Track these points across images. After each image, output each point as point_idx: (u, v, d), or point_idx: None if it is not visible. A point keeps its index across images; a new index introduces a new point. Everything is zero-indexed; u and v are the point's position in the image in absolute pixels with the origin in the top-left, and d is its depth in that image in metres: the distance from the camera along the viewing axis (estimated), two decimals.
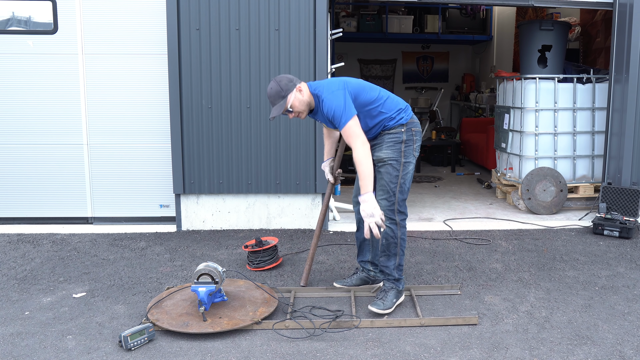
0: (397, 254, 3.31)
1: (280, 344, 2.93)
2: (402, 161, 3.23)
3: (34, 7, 4.99)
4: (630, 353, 2.84)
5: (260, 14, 4.84)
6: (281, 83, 3.10)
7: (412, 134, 3.27)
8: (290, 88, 3.10)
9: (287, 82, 3.10)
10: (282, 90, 3.08)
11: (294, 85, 3.12)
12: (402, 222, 3.29)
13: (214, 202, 5.10)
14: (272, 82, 3.14)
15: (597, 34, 7.01)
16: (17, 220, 5.25)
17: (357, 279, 3.66)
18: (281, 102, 3.09)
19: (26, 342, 2.95)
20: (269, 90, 3.12)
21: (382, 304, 3.26)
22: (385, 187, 3.23)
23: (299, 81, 3.17)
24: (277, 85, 3.10)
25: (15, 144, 5.14)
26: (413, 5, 10.39)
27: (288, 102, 3.09)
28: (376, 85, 3.33)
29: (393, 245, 3.29)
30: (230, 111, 4.94)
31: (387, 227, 3.25)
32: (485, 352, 2.86)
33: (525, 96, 5.90)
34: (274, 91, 3.09)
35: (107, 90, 5.08)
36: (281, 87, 3.08)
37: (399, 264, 3.33)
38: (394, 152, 3.23)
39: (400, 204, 3.25)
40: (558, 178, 5.71)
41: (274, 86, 3.10)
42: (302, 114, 3.18)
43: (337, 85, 3.15)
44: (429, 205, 6.16)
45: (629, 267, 4.12)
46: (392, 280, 3.34)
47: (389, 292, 3.32)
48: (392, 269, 3.32)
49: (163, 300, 3.34)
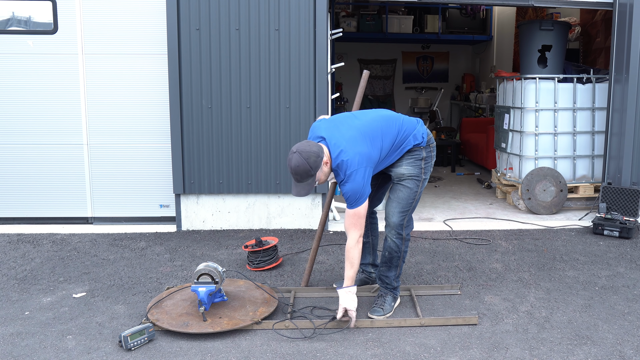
0: (399, 265, 3.31)
1: (280, 344, 2.93)
2: (422, 177, 3.22)
3: (34, 7, 4.99)
4: (630, 353, 2.84)
5: (260, 14, 4.84)
6: (309, 161, 2.84)
7: (430, 149, 3.26)
8: (319, 164, 2.88)
9: (315, 158, 2.85)
10: (311, 169, 2.85)
11: (321, 160, 2.89)
12: (407, 236, 3.28)
13: (214, 202, 5.10)
14: (297, 157, 2.84)
15: (597, 34, 7.01)
16: (17, 220, 5.25)
17: (357, 280, 3.63)
18: (309, 181, 2.90)
19: (26, 342, 2.95)
20: (294, 166, 2.85)
21: (382, 310, 3.26)
22: (402, 201, 3.20)
23: (323, 151, 2.91)
24: (305, 163, 2.84)
25: (15, 144, 5.14)
26: (413, 5, 10.39)
27: (317, 178, 2.93)
28: (390, 113, 3.21)
29: (396, 259, 3.29)
30: (230, 111, 4.94)
31: (393, 241, 3.24)
32: (485, 352, 2.86)
33: (525, 96, 5.90)
34: (301, 170, 2.85)
35: (107, 90, 5.07)
36: (310, 166, 2.84)
37: (399, 274, 3.35)
38: (415, 169, 3.20)
39: (408, 219, 3.25)
40: (558, 178, 5.71)
41: (302, 164, 2.84)
42: (321, 181, 3.01)
43: (362, 157, 2.93)
44: (429, 205, 6.16)
45: (629, 267, 4.12)
46: (392, 288, 3.35)
47: (386, 297, 3.33)
48: (392, 279, 3.33)
49: (163, 300, 3.34)
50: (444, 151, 8.91)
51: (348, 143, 2.96)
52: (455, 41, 11.03)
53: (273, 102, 4.93)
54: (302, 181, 2.89)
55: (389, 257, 3.28)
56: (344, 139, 2.97)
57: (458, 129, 9.94)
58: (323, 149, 2.93)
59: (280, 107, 4.94)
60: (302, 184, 2.91)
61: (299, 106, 4.94)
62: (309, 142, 2.93)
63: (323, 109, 4.92)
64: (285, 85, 4.91)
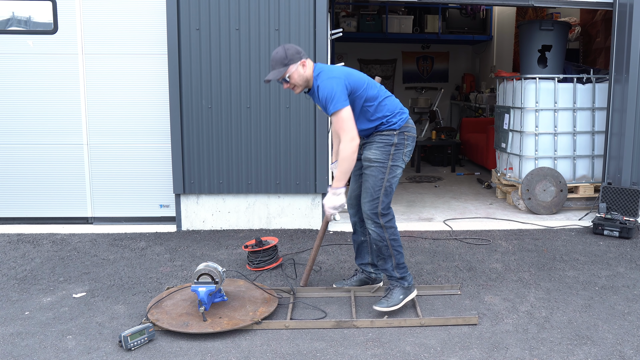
0: (392, 255, 3.24)
1: (280, 344, 2.93)
2: (389, 164, 3.17)
3: (34, 7, 4.99)
4: (630, 353, 2.84)
5: (260, 14, 4.84)
6: (288, 51, 3.06)
7: (404, 138, 3.21)
8: (295, 59, 3.06)
9: (295, 52, 3.07)
10: (286, 58, 3.05)
11: (300, 58, 3.08)
12: (387, 224, 3.21)
13: (214, 202, 5.10)
14: (279, 47, 3.10)
15: (597, 34, 7.01)
16: (17, 220, 5.25)
17: (356, 280, 3.64)
18: (281, 69, 3.06)
19: (26, 342, 2.95)
20: (274, 53, 3.08)
21: (387, 301, 3.22)
22: (369, 190, 3.18)
23: (307, 56, 3.13)
24: (283, 51, 3.06)
25: (15, 144, 5.14)
26: (413, 5, 10.38)
27: (288, 71, 3.06)
28: (379, 84, 3.30)
29: (384, 248, 3.24)
30: (230, 111, 4.94)
31: (373, 231, 3.22)
32: (485, 352, 2.86)
33: (525, 96, 5.90)
34: (278, 56, 3.06)
35: (107, 90, 5.07)
36: (286, 55, 3.05)
37: (397, 263, 3.26)
38: (383, 154, 3.17)
39: (384, 207, 3.18)
40: (558, 178, 5.71)
41: (280, 52, 3.06)
42: (297, 87, 3.15)
43: (338, 73, 3.11)
44: (429, 205, 6.16)
45: (629, 267, 4.12)
46: (396, 279, 3.29)
47: (394, 290, 3.27)
48: (391, 270, 3.28)
49: (163, 300, 3.34)
50: (444, 151, 8.91)
51: (329, 66, 3.22)
52: (455, 41, 11.02)
53: (273, 102, 4.93)
54: (275, 68, 3.07)
55: (377, 250, 3.29)
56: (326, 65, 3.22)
57: (458, 129, 9.94)
58: (310, 61, 3.14)
59: (280, 107, 4.94)
60: (275, 70, 3.07)
61: (299, 106, 4.94)
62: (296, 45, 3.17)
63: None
64: None
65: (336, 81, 3.04)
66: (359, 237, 3.57)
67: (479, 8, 10.53)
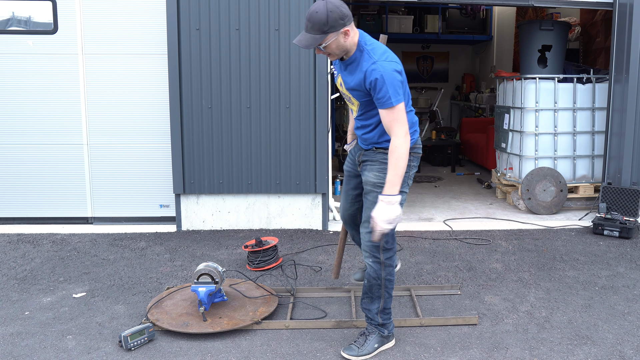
0: (382, 296, 2.81)
1: (280, 344, 2.93)
2: None
3: (34, 7, 4.99)
4: (630, 353, 2.84)
5: (260, 14, 4.84)
6: (330, 15, 2.48)
7: (411, 159, 2.76)
8: (337, 27, 2.50)
9: (338, 18, 2.49)
10: (326, 23, 2.48)
11: (343, 25, 2.51)
12: (387, 261, 2.77)
13: (214, 202, 5.10)
14: (321, 4, 2.50)
15: (597, 34, 7.01)
16: (17, 220, 5.25)
17: (360, 274, 3.49)
18: (316, 36, 2.51)
19: (26, 342, 2.95)
20: (312, 12, 2.50)
21: (358, 348, 2.79)
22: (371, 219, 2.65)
23: (351, 21, 2.56)
24: (325, 14, 2.48)
25: (15, 144, 5.14)
26: (413, 5, 10.38)
27: (325, 41, 2.53)
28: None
29: (376, 288, 2.79)
30: (230, 111, 4.94)
31: (370, 266, 2.78)
32: (485, 352, 2.86)
33: (525, 96, 5.90)
34: (317, 18, 2.48)
35: (107, 90, 5.07)
36: (327, 20, 2.48)
37: (383, 307, 2.83)
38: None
39: (387, 240, 2.73)
40: (558, 178, 5.71)
41: (321, 13, 2.48)
42: (332, 56, 2.64)
43: (396, 59, 2.63)
44: (429, 205, 6.16)
45: (629, 267, 4.12)
46: (375, 325, 2.86)
47: (369, 336, 2.85)
48: (374, 313, 2.84)
49: (163, 300, 3.34)
50: (444, 151, 8.91)
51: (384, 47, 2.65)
52: (455, 41, 11.02)
53: (273, 102, 4.93)
54: (310, 32, 2.52)
55: (368, 286, 2.81)
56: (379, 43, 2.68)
57: (458, 129, 9.94)
58: (352, 23, 2.58)
59: (280, 107, 4.94)
60: (308, 34, 2.53)
61: (299, 106, 4.94)
62: (344, 4, 2.56)
63: (323, 109, 4.92)
64: (285, 85, 4.91)
65: (398, 69, 2.57)
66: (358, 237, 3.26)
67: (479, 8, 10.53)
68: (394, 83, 2.51)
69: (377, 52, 2.58)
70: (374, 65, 2.53)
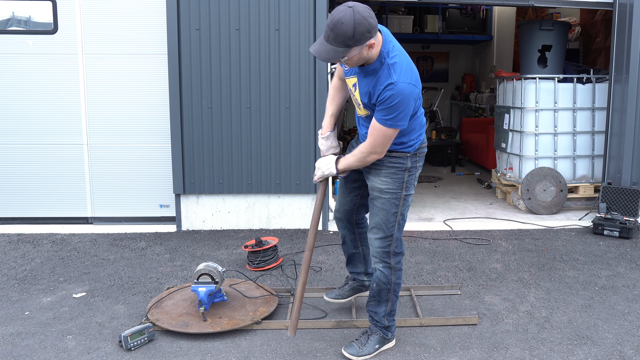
0: (390, 300, 2.80)
1: (280, 344, 2.93)
2: (402, 194, 2.69)
3: (34, 7, 4.99)
4: (630, 353, 2.84)
5: (260, 14, 4.84)
6: (357, 29, 2.27)
7: (417, 160, 2.72)
8: (363, 40, 2.31)
9: (365, 31, 2.29)
10: (352, 38, 2.28)
11: (369, 38, 2.32)
12: (397, 265, 2.77)
13: (214, 202, 5.10)
14: (348, 14, 2.26)
15: (597, 34, 7.01)
16: (17, 220, 5.25)
17: (349, 289, 3.28)
18: (339, 49, 2.32)
19: (26, 342, 2.95)
20: (337, 22, 2.27)
21: (359, 347, 2.78)
22: (380, 225, 2.69)
23: (376, 31, 2.37)
24: (352, 27, 2.26)
25: (15, 144, 5.14)
26: (413, 5, 10.38)
27: (349, 54, 2.35)
28: None
29: (385, 292, 2.78)
30: (230, 111, 4.94)
31: (381, 272, 2.75)
32: (485, 352, 2.86)
33: (525, 96, 5.90)
34: (343, 30, 2.27)
35: (107, 90, 5.07)
36: (354, 34, 2.27)
37: (390, 310, 2.83)
38: (395, 182, 2.67)
39: (397, 245, 2.74)
40: (558, 178, 5.71)
41: (348, 25, 2.26)
42: (350, 66, 2.51)
43: (417, 81, 2.49)
44: (429, 205, 6.16)
45: (629, 267, 4.12)
46: (381, 327, 2.85)
47: (371, 336, 2.83)
48: (381, 316, 2.83)
49: (163, 300, 3.34)
50: (444, 151, 8.91)
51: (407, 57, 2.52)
52: (455, 41, 11.02)
53: (273, 102, 4.93)
54: (331, 43, 2.31)
55: (377, 290, 2.80)
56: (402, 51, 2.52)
57: (458, 129, 9.94)
58: (379, 34, 2.42)
59: (280, 107, 4.94)
60: (329, 46, 2.33)
61: (299, 106, 4.94)
62: (371, 11, 2.36)
63: (323, 110, 4.91)
64: (285, 85, 4.91)
65: (413, 94, 2.45)
66: (350, 249, 3.18)
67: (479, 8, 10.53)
68: (401, 110, 2.43)
69: (398, 69, 2.43)
70: (391, 85, 2.41)
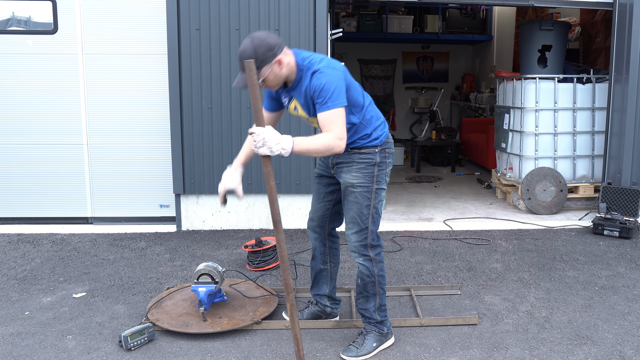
0: (377, 293, 2.83)
1: (280, 344, 2.93)
2: (374, 187, 2.74)
3: (34, 7, 4.99)
4: (630, 353, 2.84)
5: (260, 14, 4.84)
6: (258, 50, 2.43)
7: (386, 155, 2.79)
8: (269, 59, 2.46)
9: (267, 50, 2.45)
10: (257, 59, 2.42)
11: (274, 55, 2.47)
12: (377, 257, 2.79)
13: (214, 202, 5.10)
14: (247, 43, 2.45)
15: (597, 34, 7.01)
16: (17, 220, 5.25)
17: (308, 313, 3.19)
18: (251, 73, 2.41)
19: (26, 342, 2.95)
20: (241, 51, 2.46)
21: (357, 349, 2.79)
22: (355, 219, 2.74)
23: (281, 48, 2.51)
24: (252, 51, 2.43)
25: (15, 144, 5.14)
26: (413, 5, 10.38)
27: (261, 75, 2.50)
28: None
29: (371, 285, 2.81)
30: (230, 111, 4.94)
31: (362, 265, 2.79)
32: (485, 352, 2.86)
33: (525, 96, 5.90)
34: (246, 56, 2.43)
35: (107, 90, 5.08)
36: (257, 55, 2.42)
37: (380, 304, 2.85)
38: (366, 177, 2.72)
39: (373, 237, 2.78)
40: (558, 178, 5.71)
41: (248, 51, 2.44)
42: (274, 87, 2.62)
43: (339, 66, 2.60)
44: (429, 205, 6.16)
45: (629, 267, 4.12)
46: (375, 323, 2.86)
47: (367, 336, 2.85)
48: (372, 312, 2.84)
49: (163, 300, 3.34)
50: (444, 151, 8.91)
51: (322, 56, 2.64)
52: (455, 41, 11.03)
53: None
54: (244, 71, 2.43)
55: (362, 285, 2.83)
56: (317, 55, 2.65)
57: (458, 129, 9.94)
58: (284, 49, 2.53)
59: None
60: (244, 74, 2.45)
61: None
62: (271, 34, 2.53)
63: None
64: None
65: (339, 74, 2.54)
66: (318, 265, 3.11)
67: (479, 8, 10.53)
68: (334, 88, 2.49)
69: (316, 61, 2.57)
70: (315, 74, 2.52)
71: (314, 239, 3.08)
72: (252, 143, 2.45)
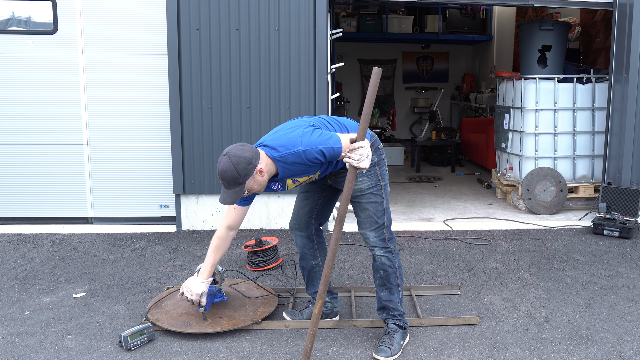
0: (399, 284, 2.93)
1: (280, 344, 2.93)
2: (381, 185, 2.87)
3: (34, 7, 4.99)
4: (630, 353, 2.84)
5: (260, 14, 4.84)
6: (238, 167, 2.50)
7: (380, 152, 2.90)
8: (250, 172, 2.53)
9: (246, 165, 2.51)
10: (239, 176, 2.51)
11: (254, 167, 2.54)
12: (395, 248, 2.94)
13: (214, 202, 5.10)
14: (225, 162, 2.51)
15: (597, 34, 7.01)
16: (17, 220, 5.25)
17: (308, 313, 3.22)
18: (237, 189, 2.55)
19: (26, 342, 2.95)
20: (221, 170, 2.51)
21: (390, 350, 2.82)
22: (371, 217, 2.85)
23: (258, 157, 2.57)
24: (233, 169, 2.49)
25: (15, 144, 5.14)
26: (413, 5, 10.39)
27: (246, 188, 2.59)
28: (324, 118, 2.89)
29: (393, 276, 2.90)
30: (230, 111, 4.94)
31: (384, 257, 2.88)
32: (485, 352, 2.86)
33: (525, 96, 5.90)
34: (228, 175, 2.50)
35: (107, 90, 5.08)
36: (238, 173, 2.50)
37: (402, 295, 2.98)
38: (371, 179, 2.84)
39: (388, 231, 2.91)
40: (558, 178, 5.71)
41: (229, 170, 2.50)
42: (260, 191, 2.70)
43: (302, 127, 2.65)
44: (429, 205, 6.16)
45: (629, 267, 4.12)
46: (397, 316, 2.93)
47: (394, 335, 2.89)
48: (396, 302, 2.93)
49: (163, 300, 3.34)
50: (444, 151, 8.91)
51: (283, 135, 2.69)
52: (455, 41, 11.03)
53: (273, 102, 4.93)
54: (229, 188, 2.56)
55: (385, 277, 2.90)
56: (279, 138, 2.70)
57: (458, 129, 9.94)
58: (259, 155, 2.59)
59: (280, 107, 4.94)
60: (230, 190, 2.56)
61: (299, 106, 4.94)
62: (244, 145, 2.60)
63: (323, 109, 4.91)
64: (285, 85, 4.91)
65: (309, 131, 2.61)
66: (309, 262, 3.15)
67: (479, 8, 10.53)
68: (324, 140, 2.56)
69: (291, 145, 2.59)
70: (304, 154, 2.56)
71: (300, 237, 3.12)
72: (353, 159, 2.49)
